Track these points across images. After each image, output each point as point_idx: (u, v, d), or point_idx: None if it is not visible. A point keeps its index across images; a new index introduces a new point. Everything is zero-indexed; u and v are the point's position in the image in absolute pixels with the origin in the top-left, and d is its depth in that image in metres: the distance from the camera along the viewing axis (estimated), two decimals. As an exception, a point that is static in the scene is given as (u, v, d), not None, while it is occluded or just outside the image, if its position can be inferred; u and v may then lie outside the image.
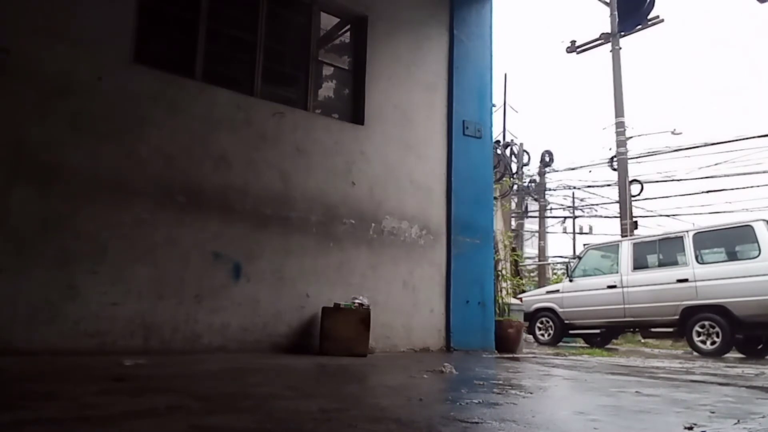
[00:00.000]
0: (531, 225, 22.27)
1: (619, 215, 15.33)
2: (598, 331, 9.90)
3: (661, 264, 8.83)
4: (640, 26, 13.67)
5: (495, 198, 7.00)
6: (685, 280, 8.14)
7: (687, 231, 8.62)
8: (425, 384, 2.56)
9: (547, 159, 20.02)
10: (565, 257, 19.33)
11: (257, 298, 3.96)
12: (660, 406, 2.08)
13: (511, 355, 5.05)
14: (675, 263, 8.53)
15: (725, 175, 18.19)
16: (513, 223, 19.02)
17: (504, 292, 6.69)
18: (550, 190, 20.83)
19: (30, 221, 3.23)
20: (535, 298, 10.50)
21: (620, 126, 14.53)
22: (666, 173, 29.58)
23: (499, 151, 12.94)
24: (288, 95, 4.63)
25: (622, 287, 8.95)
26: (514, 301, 6.79)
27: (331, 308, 4.03)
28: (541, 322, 10.27)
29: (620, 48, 14.60)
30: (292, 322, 4.11)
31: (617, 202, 15.68)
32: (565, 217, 23.17)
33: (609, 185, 18.70)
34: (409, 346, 4.68)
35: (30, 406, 1.55)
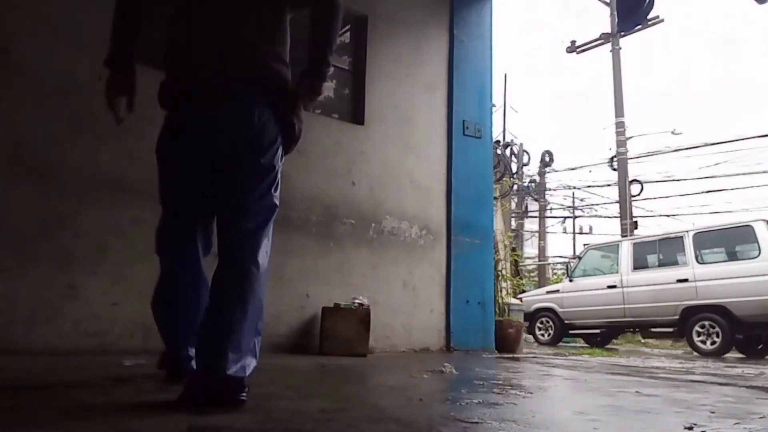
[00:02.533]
0: (531, 225, 22.28)
1: (619, 215, 15.34)
2: (598, 331, 9.90)
3: (661, 264, 8.84)
4: (639, 26, 13.67)
5: (495, 198, 7.00)
6: (685, 280, 8.15)
7: (687, 231, 8.62)
8: (425, 384, 2.56)
9: (547, 159, 20.03)
10: (565, 257, 19.33)
11: (257, 298, 3.96)
12: (660, 406, 2.08)
13: (511, 355, 5.05)
14: (675, 263, 8.54)
15: (725, 175, 18.21)
16: (513, 223, 19.03)
17: (504, 292, 6.69)
18: (550, 190, 20.84)
19: (30, 221, 3.23)
20: (535, 298, 10.51)
21: (620, 126, 14.54)
22: (666, 173, 29.62)
23: (499, 151, 12.94)
24: (288, 95, 4.62)
25: (622, 287, 8.95)
26: (514, 301, 6.79)
27: (331, 308, 4.03)
28: (541, 322, 10.28)
29: (620, 48, 14.61)
30: (292, 322, 4.10)
31: (617, 202, 15.69)
32: (565, 217, 23.18)
33: (609, 185, 18.72)
34: (409, 346, 4.68)
35: (30, 406, 1.55)
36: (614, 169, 15.66)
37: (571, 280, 10.01)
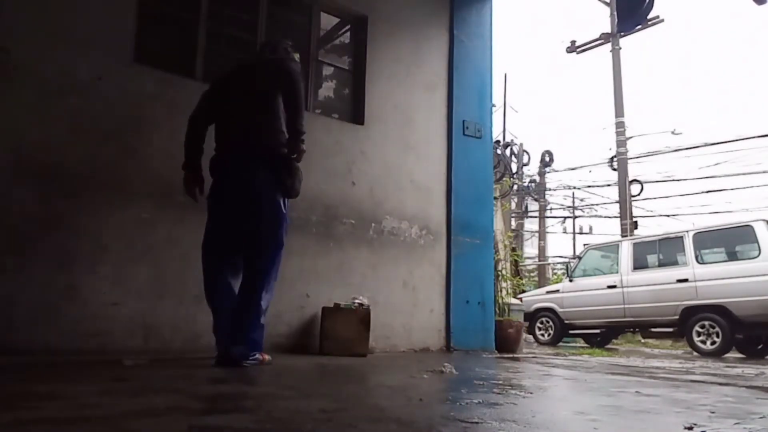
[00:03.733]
0: (531, 225, 22.29)
1: (619, 215, 15.34)
2: (598, 331, 9.90)
3: (661, 264, 8.83)
4: (640, 26, 13.67)
5: (495, 198, 7.00)
6: (685, 280, 8.14)
7: (687, 231, 8.62)
8: (425, 384, 2.56)
9: (547, 159, 20.03)
10: (565, 257, 19.34)
11: (257, 298, 3.95)
12: (660, 406, 2.08)
13: (511, 355, 5.05)
14: (675, 263, 8.54)
15: (725, 175, 18.22)
16: (513, 223, 19.03)
17: (504, 292, 6.68)
18: (550, 190, 20.85)
19: (30, 221, 3.23)
20: (535, 298, 10.51)
21: (620, 126, 14.55)
22: (666, 173, 29.66)
23: (499, 151, 12.94)
24: (288, 95, 4.62)
25: (622, 287, 8.95)
26: (514, 301, 6.79)
27: (331, 308, 4.03)
28: (541, 322, 10.27)
29: (620, 48, 14.62)
30: (292, 322, 4.11)
31: (617, 202, 15.69)
32: (565, 217, 23.19)
33: (609, 185, 18.73)
34: (409, 346, 4.68)
35: (30, 406, 1.55)
36: (614, 169, 15.66)
37: (571, 280, 10.01)
